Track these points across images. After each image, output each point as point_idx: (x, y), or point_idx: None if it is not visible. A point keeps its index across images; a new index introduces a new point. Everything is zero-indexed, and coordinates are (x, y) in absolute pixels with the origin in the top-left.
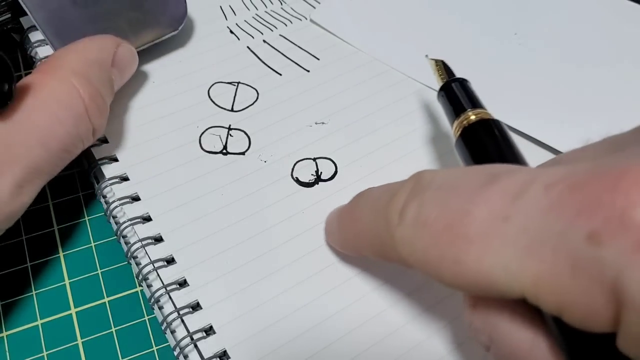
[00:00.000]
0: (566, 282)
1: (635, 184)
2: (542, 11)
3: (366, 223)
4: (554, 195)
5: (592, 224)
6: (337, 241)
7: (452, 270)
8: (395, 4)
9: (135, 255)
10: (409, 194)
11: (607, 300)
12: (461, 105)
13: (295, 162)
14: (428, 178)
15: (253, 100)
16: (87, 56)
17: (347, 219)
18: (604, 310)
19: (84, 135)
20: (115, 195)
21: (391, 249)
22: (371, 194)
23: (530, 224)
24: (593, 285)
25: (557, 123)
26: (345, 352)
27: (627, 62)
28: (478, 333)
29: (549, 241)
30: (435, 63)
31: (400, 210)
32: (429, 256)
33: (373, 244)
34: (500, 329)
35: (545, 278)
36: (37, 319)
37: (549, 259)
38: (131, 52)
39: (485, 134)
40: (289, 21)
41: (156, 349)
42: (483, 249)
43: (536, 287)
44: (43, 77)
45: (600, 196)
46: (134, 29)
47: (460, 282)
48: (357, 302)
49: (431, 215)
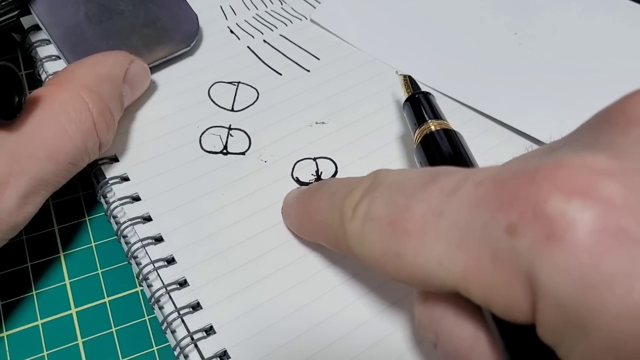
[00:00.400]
0: (489, 274)
1: (546, 179)
2: (542, 11)
3: (322, 214)
4: (481, 192)
5: (509, 216)
6: (294, 225)
7: (394, 264)
8: (395, 4)
9: (136, 255)
10: (364, 191)
11: (524, 290)
12: (423, 116)
13: (296, 162)
14: (382, 177)
15: (253, 100)
16: (99, 71)
17: (305, 207)
18: (523, 300)
19: (91, 149)
20: (115, 195)
21: (343, 241)
22: (330, 187)
23: (461, 218)
24: (511, 275)
25: (557, 122)
26: (345, 352)
27: (627, 62)
28: (425, 330)
29: (475, 234)
30: (403, 78)
31: (354, 206)
32: (375, 250)
33: (327, 235)
34: (445, 325)
35: (471, 271)
36: (37, 319)
37: (475, 251)
38: (143, 68)
39: (442, 142)
40: (289, 21)
41: (156, 349)
42: (419, 243)
43: (465, 280)
44: (54, 90)
45: (518, 191)
46: (147, 46)
47: (401, 275)
48: (358, 302)
49: (378, 211)
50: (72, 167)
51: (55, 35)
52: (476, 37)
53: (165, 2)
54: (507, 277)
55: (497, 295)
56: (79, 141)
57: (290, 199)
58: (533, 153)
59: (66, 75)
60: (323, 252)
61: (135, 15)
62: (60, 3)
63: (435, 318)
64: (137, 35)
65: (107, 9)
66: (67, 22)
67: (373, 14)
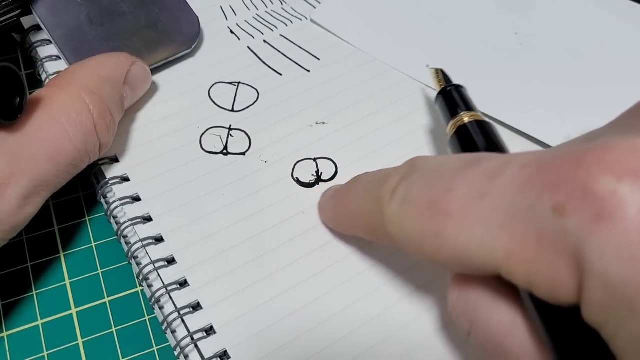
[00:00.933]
0: (533, 254)
1: (595, 161)
2: (543, 11)
3: (360, 202)
4: (526, 174)
5: (557, 197)
6: (330, 219)
7: (432, 245)
8: (395, 4)
9: (136, 255)
10: (402, 176)
11: (570, 269)
12: (456, 108)
13: (296, 163)
14: (419, 162)
15: (253, 100)
16: (100, 73)
17: (342, 198)
18: (569, 279)
19: (91, 150)
20: (115, 195)
21: (381, 228)
22: (366, 177)
23: (504, 200)
24: (558, 254)
25: (557, 122)
26: (346, 352)
27: (627, 61)
28: (459, 317)
29: (519, 215)
30: (435, 71)
31: (392, 190)
32: (413, 231)
33: (364, 222)
34: (481, 310)
35: (515, 251)
36: (37, 319)
37: (519, 232)
38: (144, 70)
39: (476, 133)
40: (289, 21)
41: (157, 349)
42: (461, 224)
43: (507, 260)
44: (55, 92)
45: (566, 173)
46: (149, 47)
47: (440, 257)
48: (358, 302)
49: (417, 194)
50: (72, 168)
51: (57, 37)
52: (476, 37)
53: (166, 4)
54: (554, 256)
55: (541, 275)
56: (80, 142)
57: (328, 195)
58: (570, 142)
59: (67, 76)
60: (323, 253)
61: (136, 17)
62: (62, 5)
63: (471, 304)
64: (139, 36)
65: (109, 10)
66: (68, 24)
67: (373, 14)
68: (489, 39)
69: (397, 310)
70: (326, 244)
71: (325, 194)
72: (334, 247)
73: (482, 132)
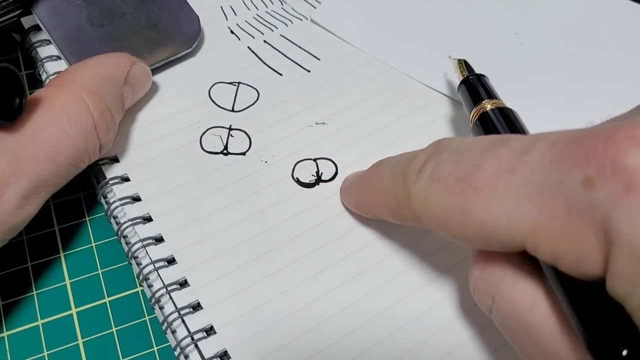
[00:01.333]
0: (562, 226)
1: (625, 137)
2: (543, 11)
3: (385, 183)
4: (556, 150)
5: (586, 171)
6: (353, 202)
7: (459, 220)
8: (395, 4)
9: (136, 255)
10: (429, 156)
11: (598, 241)
12: (479, 96)
13: (296, 163)
14: (446, 142)
15: (254, 100)
16: (100, 73)
17: (367, 180)
18: (596, 251)
19: (91, 150)
20: (116, 195)
21: (406, 207)
22: (391, 159)
23: (534, 175)
24: (586, 226)
25: (558, 122)
26: (346, 353)
27: (627, 61)
28: (481, 294)
29: (549, 189)
30: (458, 61)
31: (418, 169)
32: (440, 208)
33: (389, 203)
34: (503, 287)
35: (543, 223)
36: (37, 319)
37: (548, 205)
38: (145, 70)
39: (499, 119)
40: (289, 21)
41: (157, 349)
42: (489, 198)
43: (535, 233)
44: (55, 92)
45: (596, 148)
46: (149, 48)
47: (466, 232)
48: (358, 302)
49: (445, 171)
50: (72, 168)
51: (57, 38)
52: (476, 38)
53: (166, 4)
54: (582, 228)
55: (568, 247)
56: (80, 142)
57: (350, 179)
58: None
59: (67, 76)
60: (323, 253)
61: (137, 18)
62: (62, 6)
63: (494, 280)
64: (139, 37)
65: (109, 11)
66: (69, 24)
67: (373, 14)
68: (490, 39)
69: (397, 310)
70: (326, 244)
71: (348, 178)
72: (334, 247)
73: (504, 119)
